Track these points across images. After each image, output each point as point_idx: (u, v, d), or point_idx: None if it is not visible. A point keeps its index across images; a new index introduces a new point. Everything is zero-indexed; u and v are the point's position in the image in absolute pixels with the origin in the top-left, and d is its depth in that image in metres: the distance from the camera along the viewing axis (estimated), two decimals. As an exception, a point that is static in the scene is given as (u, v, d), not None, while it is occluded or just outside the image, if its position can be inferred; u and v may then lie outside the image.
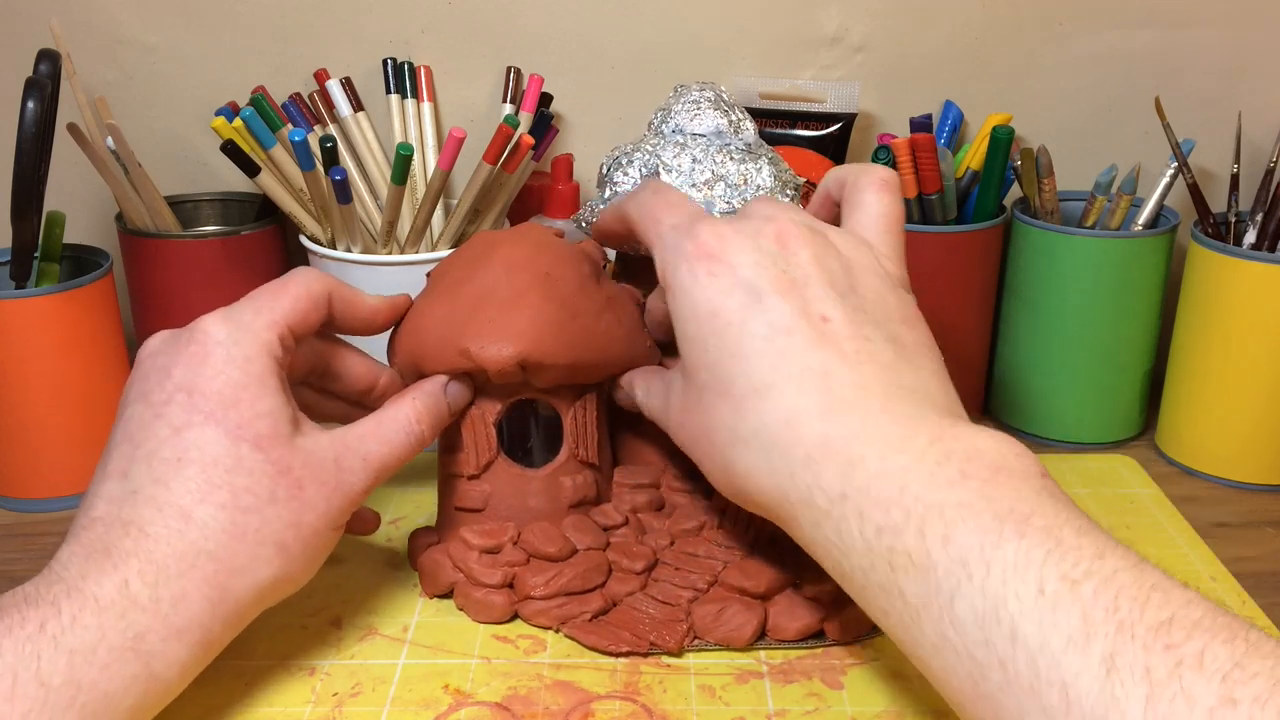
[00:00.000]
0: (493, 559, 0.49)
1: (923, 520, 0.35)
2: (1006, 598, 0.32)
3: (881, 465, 0.37)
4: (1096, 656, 0.30)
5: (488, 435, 0.50)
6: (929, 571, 0.34)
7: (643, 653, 0.47)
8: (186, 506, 0.40)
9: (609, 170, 0.56)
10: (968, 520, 0.34)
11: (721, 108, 0.56)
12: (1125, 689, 0.29)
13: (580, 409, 0.51)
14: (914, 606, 0.35)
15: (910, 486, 0.36)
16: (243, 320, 0.43)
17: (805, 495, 0.38)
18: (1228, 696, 0.28)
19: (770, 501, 0.40)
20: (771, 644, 0.47)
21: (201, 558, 0.40)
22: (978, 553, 0.33)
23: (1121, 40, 0.71)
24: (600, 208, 0.55)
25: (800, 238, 0.42)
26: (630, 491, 0.53)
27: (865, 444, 0.37)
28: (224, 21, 0.70)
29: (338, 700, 0.44)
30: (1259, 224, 0.65)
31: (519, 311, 0.47)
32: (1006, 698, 0.32)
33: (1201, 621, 0.30)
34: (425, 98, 0.71)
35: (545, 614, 0.48)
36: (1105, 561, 0.32)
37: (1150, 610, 0.30)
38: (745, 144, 0.55)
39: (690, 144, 0.54)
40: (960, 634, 0.33)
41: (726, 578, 0.48)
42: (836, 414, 0.38)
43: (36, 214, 0.58)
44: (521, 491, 0.51)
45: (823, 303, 0.41)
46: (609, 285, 0.52)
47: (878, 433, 0.38)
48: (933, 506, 0.35)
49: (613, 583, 0.49)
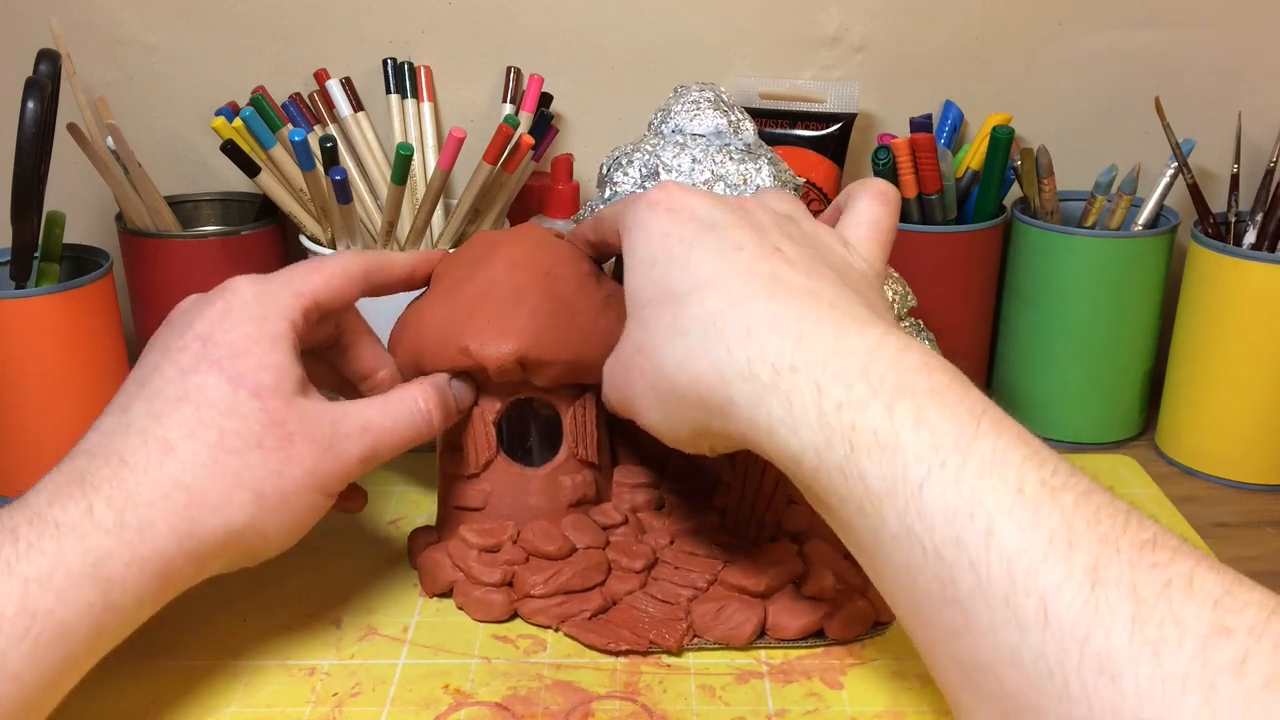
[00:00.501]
0: (492, 558, 0.49)
1: (891, 399, 0.32)
2: (983, 492, 0.30)
3: (838, 343, 0.34)
4: (1080, 567, 0.28)
5: (487, 434, 0.50)
6: (896, 453, 0.31)
7: (642, 651, 0.47)
8: (172, 440, 0.40)
9: (609, 170, 0.56)
10: (940, 408, 0.32)
11: (721, 108, 0.56)
12: (1110, 605, 0.27)
13: (580, 408, 0.51)
14: (876, 493, 0.32)
15: (874, 367, 0.33)
16: (271, 287, 0.45)
17: (744, 370, 0.35)
18: (1220, 625, 0.26)
19: (707, 390, 0.37)
20: (771, 643, 0.47)
21: (176, 490, 0.40)
22: (952, 440, 0.31)
23: (1121, 40, 0.71)
24: (600, 208, 0.55)
25: (763, 209, 0.42)
26: (630, 490, 0.53)
27: (817, 323, 0.35)
28: (224, 21, 0.70)
29: (338, 700, 0.44)
30: (1259, 224, 0.65)
31: (519, 309, 0.48)
32: (977, 605, 0.29)
33: (1181, 548, 0.28)
34: (425, 98, 0.71)
35: (544, 612, 0.48)
36: (1080, 479, 0.31)
37: (1132, 529, 0.29)
38: (745, 144, 0.55)
39: (690, 144, 0.55)
40: (927, 527, 0.30)
41: (726, 576, 0.48)
42: (783, 298, 0.36)
43: (36, 214, 0.58)
44: (521, 490, 0.51)
45: (778, 239, 0.40)
46: (609, 284, 0.52)
47: (831, 318, 0.35)
48: (902, 388, 0.32)
49: (612, 581, 0.49)
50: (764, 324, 0.36)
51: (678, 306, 0.38)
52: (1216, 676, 0.25)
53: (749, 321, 0.36)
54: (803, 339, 0.35)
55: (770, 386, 0.35)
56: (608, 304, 0.50)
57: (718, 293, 0.37)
